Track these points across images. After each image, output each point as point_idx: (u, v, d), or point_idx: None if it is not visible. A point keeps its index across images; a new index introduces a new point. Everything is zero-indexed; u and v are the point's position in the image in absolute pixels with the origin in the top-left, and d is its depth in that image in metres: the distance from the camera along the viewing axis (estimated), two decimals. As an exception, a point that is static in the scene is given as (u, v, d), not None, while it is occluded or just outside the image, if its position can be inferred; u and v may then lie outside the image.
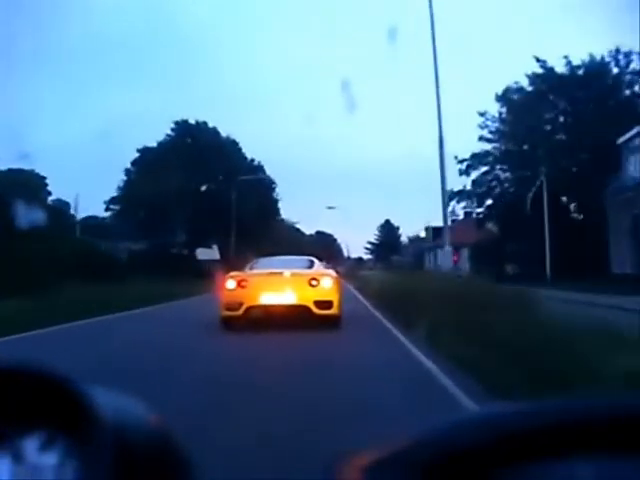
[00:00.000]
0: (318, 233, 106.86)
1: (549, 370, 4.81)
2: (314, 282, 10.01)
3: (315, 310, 9.80)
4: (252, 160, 47.82)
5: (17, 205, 21.15)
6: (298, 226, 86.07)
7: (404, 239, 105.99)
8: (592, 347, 5.04)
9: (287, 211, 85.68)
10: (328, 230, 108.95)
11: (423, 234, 62.14)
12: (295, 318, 9.79)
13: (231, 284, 10.09)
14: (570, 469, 0.51)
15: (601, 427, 0.52)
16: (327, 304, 9.87)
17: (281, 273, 10.20)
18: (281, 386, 5.45)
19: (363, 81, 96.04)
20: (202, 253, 43.81)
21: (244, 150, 47.74)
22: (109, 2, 76.23)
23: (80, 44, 73.96)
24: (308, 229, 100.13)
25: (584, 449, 0.52)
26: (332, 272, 11.24)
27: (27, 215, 20.53)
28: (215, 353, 7.73)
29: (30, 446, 0.65)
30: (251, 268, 11.21)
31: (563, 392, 4.50)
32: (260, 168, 48.08)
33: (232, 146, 45.61)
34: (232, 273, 10.71)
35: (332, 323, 9.80)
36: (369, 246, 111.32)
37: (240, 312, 9.86)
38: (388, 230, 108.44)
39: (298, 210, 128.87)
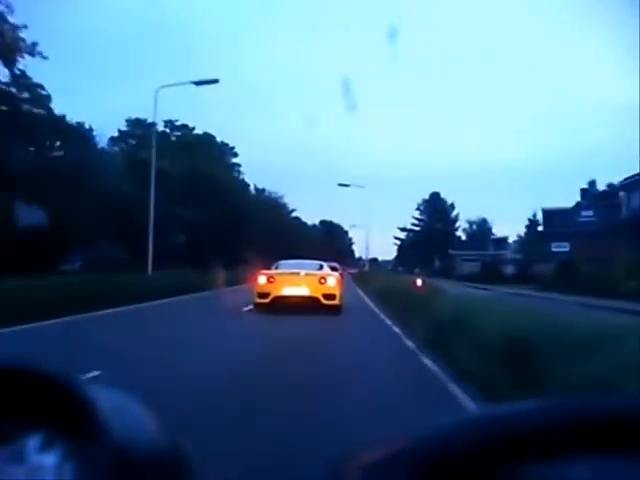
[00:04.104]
0: (322, 223, 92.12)
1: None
2: (323, 280, 13.92)
3: (323, 301, 13.68)
4: None
5: None
6: (297, 214, 70.49)
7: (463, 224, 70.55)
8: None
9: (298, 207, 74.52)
10: (335, 219, 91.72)
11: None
12: (308, 305, 13.39)
13: (262, 280, 13.94)
14: (570, 469, 0.51)
15: (600, 427, 0.52)
16: (332, 296, 13.80)
17: (298, 273, 14.10)
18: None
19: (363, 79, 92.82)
20: None
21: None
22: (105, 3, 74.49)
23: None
24: (310, 218, 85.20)
25: (584, 449, 0.51)
26: (336, 273, 15.18)
27: None
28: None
29: (30, 446, 0.65)
30: (276, 268, 14.88)
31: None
32: None
33: None
34: (263, 271, 14.36)
35: (335, 310, 13.55)
36: (402, 236, 73.88)
37: (268, 300, 13.65)
38: (436, 207, 69.64)
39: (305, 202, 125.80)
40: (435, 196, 70.41)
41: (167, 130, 45.80)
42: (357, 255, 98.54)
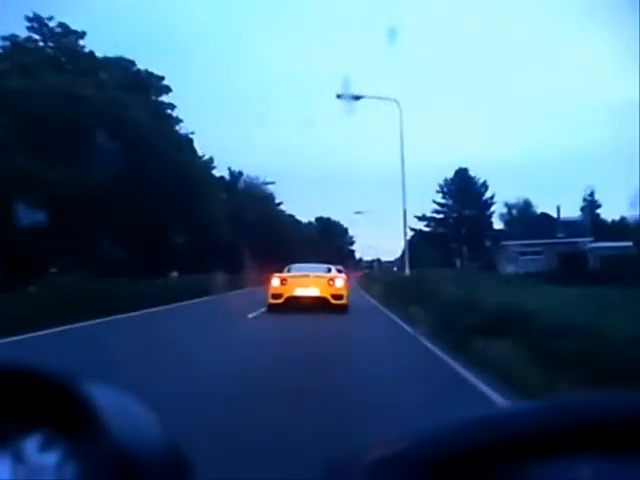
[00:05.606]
0: (318, 220, 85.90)
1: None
2: (331, 282, 15.22)
3: (331, 300, 14.94)
4: None
5: None
6: (292, 212, 63.05)
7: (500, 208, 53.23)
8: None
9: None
10: (333, 216, 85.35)
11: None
12: (318, 304, 14.65)
13: (276, 282, 15.25)
14: (570, 469, 0.51)
15: (601, 427, 0.52)
16: (339, 297, 15.04)
17: (309, 275, 15.53)
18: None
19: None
20: None
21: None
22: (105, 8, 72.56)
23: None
24: (305, 216, 79.15)
25: (584, 449, 0.51)
26: (343, 275, 16.46)
27: None
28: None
29: (30, 446, 0.65)
30: (288, 271, 16.33)
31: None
32: None
33: None
34: (276, 274, 15.66)
35: (342, 309, 14.71)
36: (422, 226, 55.62)
37: (281, 300, 14.95)
38: (463, 187, 52.04)
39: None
40: (462, 173, 52.51)
41: (37, 36, 29.27)
42: (358, 256, 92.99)
